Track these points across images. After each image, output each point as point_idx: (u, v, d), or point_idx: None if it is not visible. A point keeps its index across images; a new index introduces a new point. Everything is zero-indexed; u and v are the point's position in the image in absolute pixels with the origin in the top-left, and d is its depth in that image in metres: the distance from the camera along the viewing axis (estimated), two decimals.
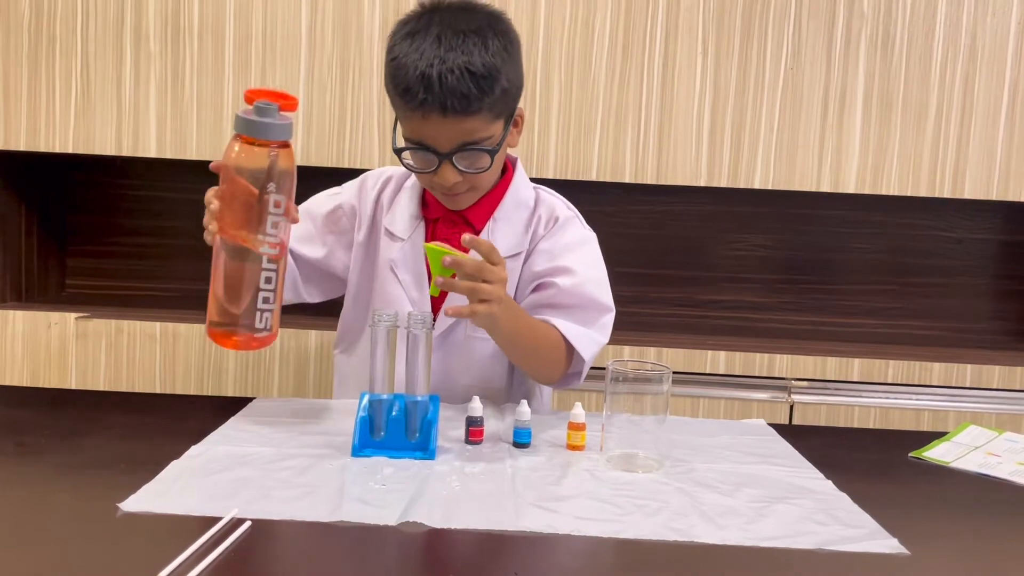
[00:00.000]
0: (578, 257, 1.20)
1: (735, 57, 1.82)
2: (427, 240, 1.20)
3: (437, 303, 1.17)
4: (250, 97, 0.99)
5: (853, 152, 1.83)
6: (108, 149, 1.82)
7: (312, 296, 1.29)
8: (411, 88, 1.06)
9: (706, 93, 1.82)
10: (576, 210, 1.28)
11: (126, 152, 1.82)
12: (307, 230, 1.25)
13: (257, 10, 1.80)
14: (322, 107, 1.82)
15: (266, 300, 1.01)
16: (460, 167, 1.10)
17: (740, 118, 1.83)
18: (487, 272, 0.97)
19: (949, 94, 1.81)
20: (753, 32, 1.81)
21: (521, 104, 1.18)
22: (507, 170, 1.23)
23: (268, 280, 1.01)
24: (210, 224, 0.99)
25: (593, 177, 1.84)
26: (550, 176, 1.83)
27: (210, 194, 1.01)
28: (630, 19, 1.81)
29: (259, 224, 0.99)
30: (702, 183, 1.84)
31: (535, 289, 1.18)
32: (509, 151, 1.24)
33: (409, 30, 1.10)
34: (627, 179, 1.84)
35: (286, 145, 1.00)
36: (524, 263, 1.21)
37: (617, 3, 1.80)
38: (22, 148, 1.83)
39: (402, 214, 1.22)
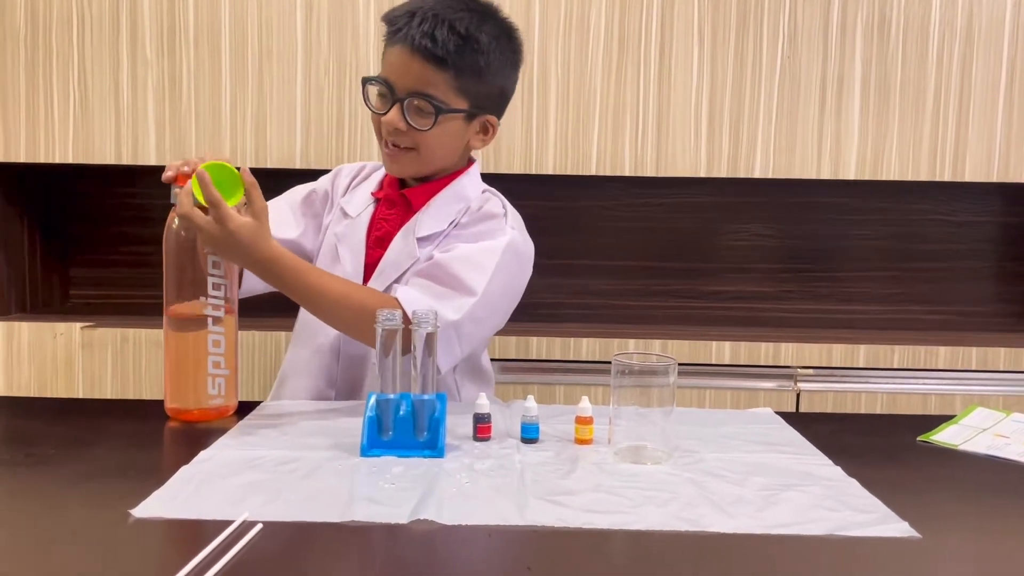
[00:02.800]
0: (475, 245, 1.17)
1: (731, 47, 1.82)
2: (373, 220, 1.25)
3: (368, 272, 1.22)
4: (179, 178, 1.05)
5: (852, 138, 1.83)
6: (108, 158, 1.83)
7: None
8: (396, 18, 1.14)
9: (703, 84, 1.82)
10: (519, 223, 1.25)
11: (126, 160, 1.83)
12: (283, 213, 1.29)
13: (252, 14, 1.80)
14: (319, 110, 1.82)
15: (216, 365, 1.04)
16: (407, 115, 1.14)
17: (738, 108, 1.83)
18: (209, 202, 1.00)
19: (947, 77, 1.81)
20: (749, 21, 1.81)
21: (500, 123, 1.24)
22: (462, 169, 1.26)
23: (216, 344, 1.04)
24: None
25: (593, 171, 1.84)
26: (549, 171, 1.83)
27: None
28: (625, 11, 1.81)
29: (202, 288, 1.03)
30: (702, 174, 1.84)
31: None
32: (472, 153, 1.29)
33: None
34: (627, 172, 1.84)
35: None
36: (434, 246, 1.20)
37: None
38: (22, 160, 1.83)
39: (360, 196, 1.29)
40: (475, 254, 1.16)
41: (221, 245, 1.01)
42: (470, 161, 1.29)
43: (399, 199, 1.24)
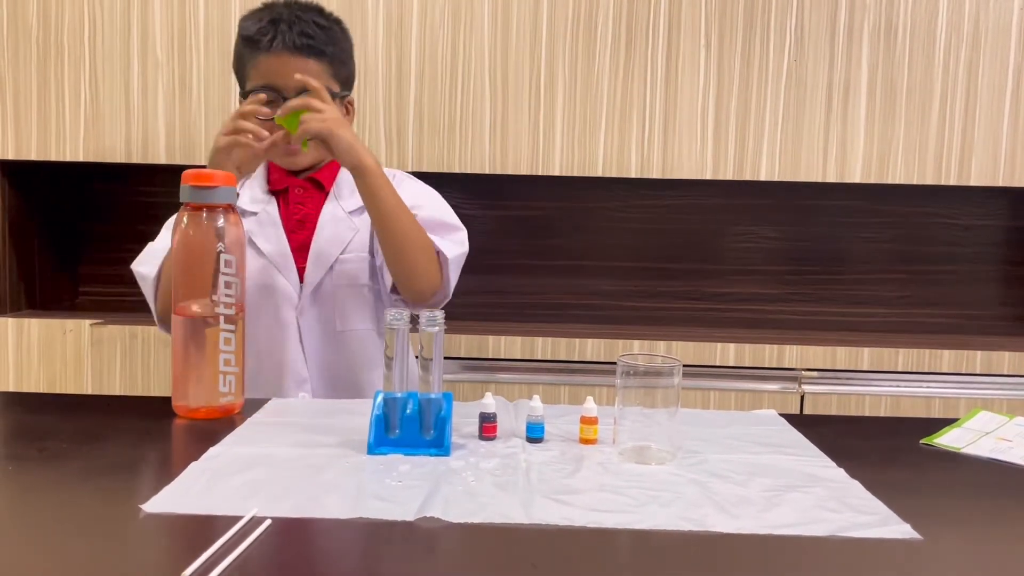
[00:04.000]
0: (423, 195, 1.37)
1: (738, 49, 1.82)
2: (280, 206, 1.33)
3: (300, 266, 1.31)
4: (186, 177, 1.06)
5: (858, 142, 1.83)
6: (118, 157, 1.84)
7: None
8: (264, 29, 1.24)
9: (710, 86, 1.83)
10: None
11: (136, 159, 1.84)
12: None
13: None
14: None
15: (227, 363, 1.05)
16: None
17: (744, 111, 1.83)
18: (314, 102, 1.18)
19: (953, 81, 1.82)
20: (756, 24, 1.82)
21: (354, 97, 1.38)
22: None
23: (227, 342, 1.05)
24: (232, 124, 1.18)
25: (599, 173, 1.85)
26: (556, 173, 1.84)
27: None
28: (632, 13, 1.82)
29: (213, 286, 1.04)
30: (708, 176, 1.85)
31: None
32: None
33: (254, 10, 1.31)
34: (632, 174, 1.85)
35: (232, 209, 1.08)
36: (361, 217, 1.33)
37: None
38: (33, 158, 1.84)
39: (253, 194, 1.35)
40: (435, 202, 1.36)
41: (344, 124, 1.19)
42: None
43: (309, 184, 1.36)
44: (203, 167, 1.11)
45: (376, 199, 1.22)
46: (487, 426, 1.00)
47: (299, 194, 1.35)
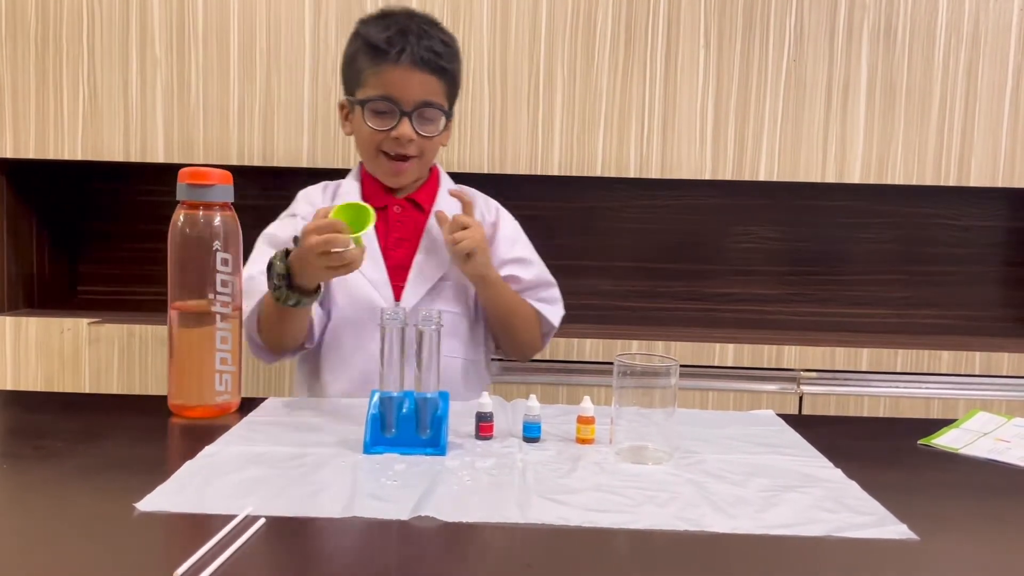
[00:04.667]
0: (525, 246, 1.41)
1: (737, 49, 1.82)
2: (378, 223, 1.27)
3: (397, 284, 1.29)
4: (183, 175, 1.07)
5: (857, 142, 1.83)
6: (116, 155, 1.84)
7: (316, 336, 1.30)
8: (393, 40, 1.22)
9: (709, 86, 1.83)
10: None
11: (134, 158, 1.84)
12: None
13: (261, 13, 1.81)
14: (327, 109, 1.83)
15: (224, 362, 1.05)
16: (416, 126, 1.25)
17: (744, 110, 1.83)
18: (467, 219, 1.24)
19: (953, 82, 1.81)
20: (755, 24, 1.81)
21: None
22: (434, 172, 1.38)
23: (224, 340, 1.05)
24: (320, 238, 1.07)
25: (598, 172, 1.84)
26: (555, 172, 1.84)
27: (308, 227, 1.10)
28: (632, 13, 1.81)
29: (209, 285, 1.03)
30: (707, 176, 1.84)
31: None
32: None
33: (375, 16, 1.29)
34: (632, 174, 1.84)
35: (228, 207, 1.08)
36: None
37: None
38: (31, 156, 1.84)
39: None
40: (535, 255, 1.42)
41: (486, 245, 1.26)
42: None
43: (408, 204, 1.34)
44: (200, 165, 1.11)
45: (493, 303, 1.32)
46: (483, 425, 0.99)
47: (399, 213, 1.33)
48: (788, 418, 1.13)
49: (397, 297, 1.30)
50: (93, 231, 2.17)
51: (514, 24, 1.82)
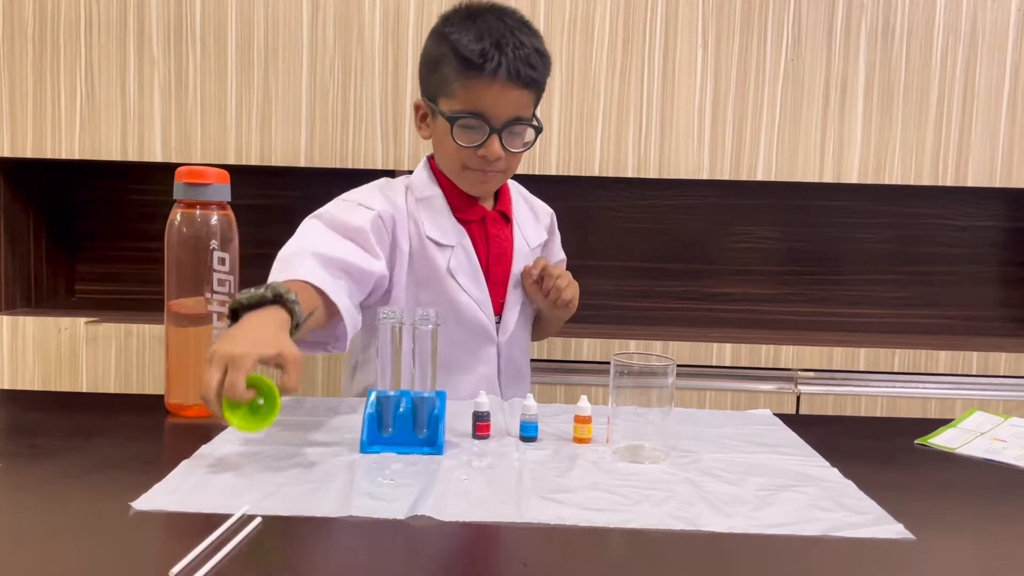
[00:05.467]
0: (561, 248, 1.47)
1: (735, 49, 1.82)
2: (474, 238, 1.26)
3: (497, 304, 1.28)
4: (180, 175, 1.06)
5: (855, 142, 1.83)
6: (114, 155, 1.84)
7: (357, 326, 1.12)
8: (488, 53, 1.12)
9: (707, 86, 1.83)
10: None
11: (131, 157, 1.84)
12: (355, 247, 1.14)
13: (258, 12, 1.81)
14: (324, 108, 1.83)
15: None
16: (505, 143, 1.17)
17: (741, 110, 1.83)
18: (555, 270, 1.27)
19: (950, 82, 1.81)
20: (753, 23, 1.81)
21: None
22: None
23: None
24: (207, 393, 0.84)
25: (596, 172, 1.84)
26: (552, 172, 1.84)
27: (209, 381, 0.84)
28: (630, 12, 1.81)
29: (206, 284, 1.03)
30: (704, 176, 1.84)
31: None
32: None
33: (463, 16, 1.18)
34: (629, 173, 1.84)
35: (225, 206, 1.08)
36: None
37: None
38: (29, 155, 1.84)
39: (440, 222, 1.24)
40: (563, 254, 1.49)
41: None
42: None
43: (498, 216, 1.29)
44: (198, 164, 1.11)
45: (558, 322, 1.37)
46: (480, 425, 0.99)
47: (497, 228, 1.28)
48: (785, 418, 1.13)
49: (497, 312, 1.27)
50: (90, 230, 2.16)
51: None
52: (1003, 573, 0.70)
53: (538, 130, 1.21)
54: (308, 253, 1.06)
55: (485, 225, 1.27)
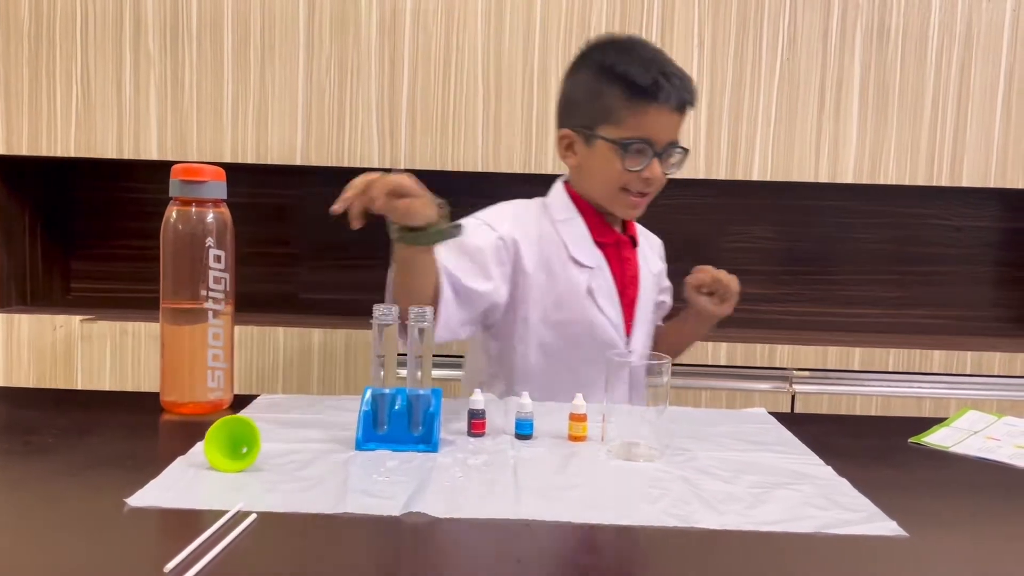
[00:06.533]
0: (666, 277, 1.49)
1: (731, 49, 1.82)
2: (609, 261, 1.31)
3: (627, 325, 1.32)
4: (176, 172, 1.06)
5: (851, 142, 1.84)
6: (109, 152, 1.84)
7: (465, 333, 1.23)
8: (659, 82, 1.20)
9: (703, 85, 1.83)
10: None
11: (127, 155, 1.84)
12: (471, 264, 1.20)
13: (255, 11, 1.81)
14: (320, 107, 1.83)
15: (216, 358, 1.05)
16: (664, 166, 1.25)
17: (737, 110, 1.83)
18: (717, 272, 1.33)
19: (945, 82, 1.82)
20: (749, 23, 1.82)
21: None
22: None
23: (216, 337, 1.05)
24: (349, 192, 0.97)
25: None
26: (549, 172, 1.84)
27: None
28: (626, 13, 1.82)
29: (202, 282, 1.03)
30: (700, 176, 1.85)
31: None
32: None
33: (618, 48, 1.26)
34: None
35: (221, 204, 1.08)
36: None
37: None
38: (24, 153, 1.84)
39: (581, 243, 1.30)
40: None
41: None
42: None
43: (627, 241, 1.36)
44: (194, 162, 1.11)
45: (695, 336, 1.42)
46: (476, 422, 1.00)
47: (628, 252, 1.35)
48: (780, 416, 1.14)
49: (628, 333, 1.32)
50: (86, 228, 2.16)
51: (508, 23, 1.82)
52: (996, 571, 0.71)
53: (686, 153, 1.28)
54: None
55: (619, 249, 1.33)
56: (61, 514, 0.74)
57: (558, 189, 1.35)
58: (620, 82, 1.21)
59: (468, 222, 1.24)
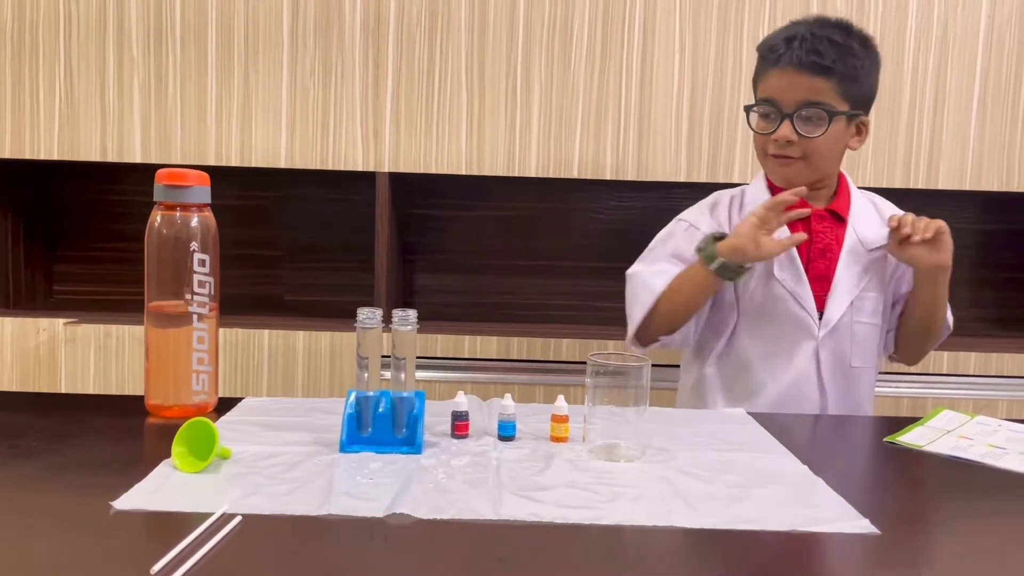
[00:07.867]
0: None
1: (712, 52, 1.84)
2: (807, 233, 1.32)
3: (820, 299, 1.32)
4: (160, 176, 1.07)
5: None
6: (93, 155, 1.84)
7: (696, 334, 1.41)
8: (775, 45, 1.28)
9: (684, 89, 1.85)
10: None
11: (111, 158, 1.84)
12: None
13: (239, 14, 1.82)
14: (305, 109, 1.84)
15: (200, 362, 1.06)
16: (797, 127, 1.26)
17: (718, 113, 1.85)
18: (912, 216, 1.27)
19: (922, 86, 1.85)
20: (730, 27, 1.84)
21: (869, 118, 1.35)
22: (841, 180, 1.39)
23: (201, 340, 1.06)
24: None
25: (575, 174, 1.86)
26: (532, 174, 1.85)
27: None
28: (608, 15, 1.83)
29: (186, 285, 1.03)
30: (682, 179, 1.87)
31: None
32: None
33: (786, 24, 1.34)
34: (608, 176, 1.86)
35: (205, 208, 1.08)
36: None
37: (595, 0, 1.83)
38: (7, 155, 1.83)
39: None
40: None
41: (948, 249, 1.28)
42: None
43: (826, 214, 1.35)
44: (178, 166, 1.11)
45: (932, 298, 1.32)
46: (459, 424, 1.01)
47: (820, 223, 1.35)
48: (758, 417, 1.16)
49: (820, 307, 1.32)
50: (70, 231, 2.16)
51: (491, 25, 1.83)
52: (966, 567, 0.72)
53: (839, 115, 1.27)
54: (657, 272, 1.36)
55: (808, 221, 1.33)
56: (46, 518, 0.74)
57: (759, 175, 1.42)
58: (757, 53, 1.34)
59: (677, 224, 1.41)
